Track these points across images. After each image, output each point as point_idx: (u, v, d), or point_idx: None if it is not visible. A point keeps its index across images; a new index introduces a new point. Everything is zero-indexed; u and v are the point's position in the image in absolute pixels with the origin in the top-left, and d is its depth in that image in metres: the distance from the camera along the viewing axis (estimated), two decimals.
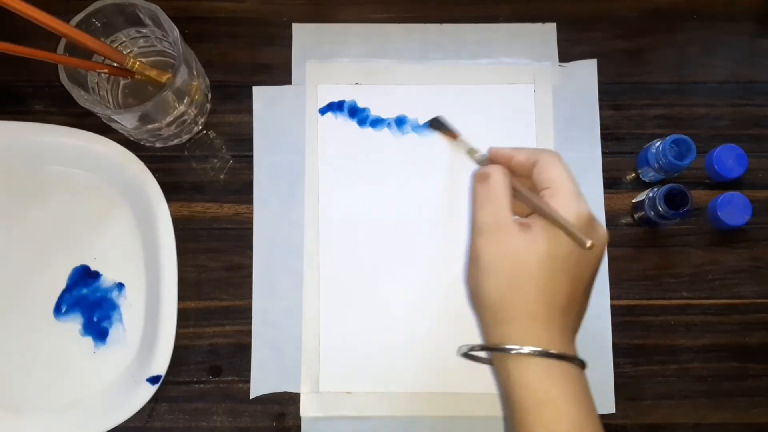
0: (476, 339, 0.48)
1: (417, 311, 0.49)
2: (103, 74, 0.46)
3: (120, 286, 0.49)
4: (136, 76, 0.46)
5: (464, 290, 0.48)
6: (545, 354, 0.36)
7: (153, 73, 0.46)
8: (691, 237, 0.50)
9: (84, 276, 0.49)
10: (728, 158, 0.49)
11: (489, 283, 0.38)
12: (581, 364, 0.37)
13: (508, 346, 0.37)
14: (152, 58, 0.49)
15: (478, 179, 0.40)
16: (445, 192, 0.50)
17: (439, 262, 0.49)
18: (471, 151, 0.45)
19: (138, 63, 0.45)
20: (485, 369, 0.48)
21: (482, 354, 0.40)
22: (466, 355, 0.41)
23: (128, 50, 0.48)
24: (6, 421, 0.47)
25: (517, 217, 0.39)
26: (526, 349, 0.36)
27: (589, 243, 0.35)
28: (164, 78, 0.46)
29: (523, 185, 0.39)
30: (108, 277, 0.49)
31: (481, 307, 0.39)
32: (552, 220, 0.37)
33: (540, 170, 0.39)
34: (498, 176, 0.39)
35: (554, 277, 0.37)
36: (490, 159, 0.42)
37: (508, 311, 0.37)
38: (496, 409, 0.48)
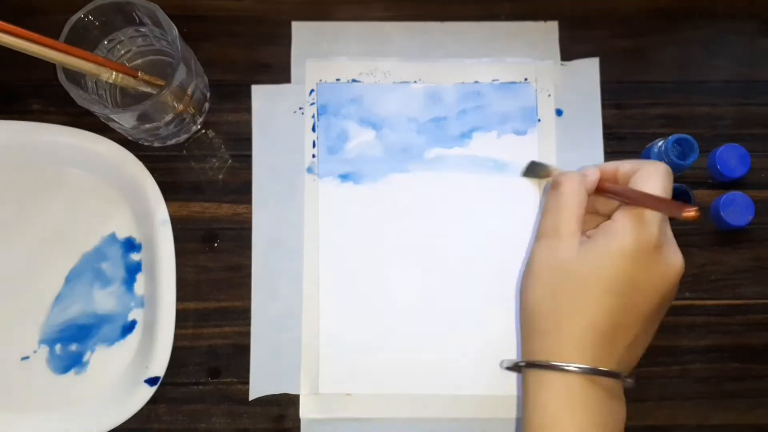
0: (476, 339, 0.48)
1: (417, 312, 0.48)
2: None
3: None
4: (139, 75, 0.46)
5: (452, 289, 0.48)
6: (562, 369, 0.34)
7: (146, 79, 0.46)
8: (693, 237, 0.50)
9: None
10: (731, 158, 0.48)
11: (531, 289, 0.36)
12: (621, 379, 0.36)
13: (533, 360, 0.35)
14: (151, 57, 0.48)
15: (552, 187, 0.39)
16: (450, 191, 0.50)
17: (440, 264, 0.49)
18: (541, 170, 0.44)
19: (120, 77, 0.45)
20: (485, 371, 0.48)
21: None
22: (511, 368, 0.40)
23: (126, 49, 0.48)
24: (6, 421, 0.47)
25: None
26: (551, 363, 0.34)
27: (689, 211, 0.33)
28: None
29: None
30: None
31: (521, 314, 0.38)
32: (632, 198, 0.35)
33: (636, 180, 0.37)
34: (570, 185, 0.38)
35: (597, 298, 0.34)
36: (601, 172, 0.40)
37: (541, 321, 0.36)
38: (497, 411, 0.47)
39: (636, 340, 0.36)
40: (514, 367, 0.38)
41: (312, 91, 0.51)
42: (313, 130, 0.51)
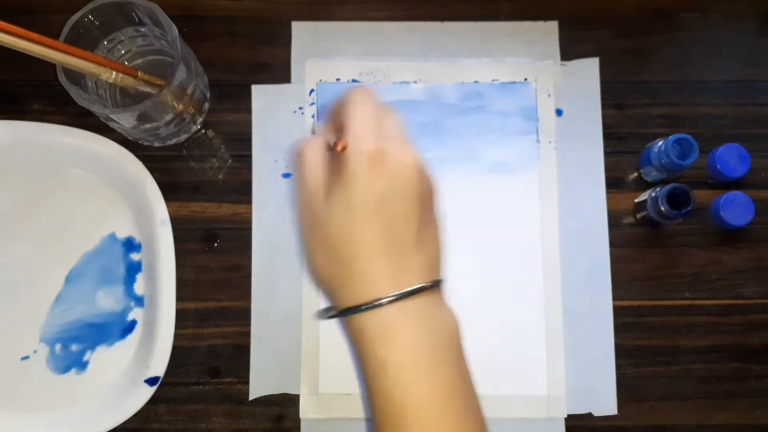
0: (477, 339, 0.48)
1: None
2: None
3: None
4: (139, 75, 0.46)
5: (452, 288, 0.48)
6: (367, 308, 0.34)
7: (146, 79, 0.46)
8: (693, 237, 0.50)
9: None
10: (731, 158, 0.48)
11: (311, 259, 0.37)
12: (429, 288, 0.35)
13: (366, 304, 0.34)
14: (150, 57, 0.48)
15: (294, 155, 0.38)
16: (450, 191, 0.50)
17: None
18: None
19: (120, 77, 0.45)
20: (485, 371, 0.47)
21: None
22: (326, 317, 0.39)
23: (126, 49, 0.48)
24: (6, 421, 0.46)
25: None
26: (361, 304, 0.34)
27: (338, 144, 0.34)
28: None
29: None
30: None
31: (321, 288, 0.37)
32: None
33: (341, 114, 0.37)
34: (306, 147, 0.37)
35: (359, 226, 0.35)
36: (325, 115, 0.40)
37: (334, 279, 0.36)
38: (497, 411, 0.47)
39: (419, 240, 0.36)
40: (327, 317, 0.38)
41: (312, 91, 0.51)
42: (313, 130, 0.51)
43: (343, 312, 0.35)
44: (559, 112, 0.51)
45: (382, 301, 0.34)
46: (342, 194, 0.35)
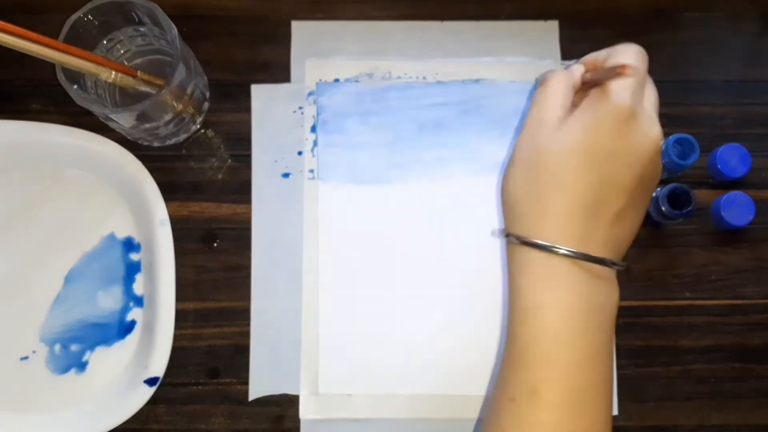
0: (477, 338, 0.48)
1: (418, 312, 0.48)
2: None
3: None
4: (138, 75, 0.46)
5: (452, 288, 0.48)
6: (545, 248, 0.34)
7: (146, 78, 0.46)
8: (694, 237, 0.50)
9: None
10: (732, 158, 0.48)
11: (511, 178, 0.36)
12: (608, 274, 0.35)
13: (516, 235, 0.34)
14: (150, 57, 0.48)
15: (540, 83, 0.38)
16: (451, 191, 0.50)
17: (441, 263, 0.49)
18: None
19: (120, 77, 0.45)
20: (486, 371, 0.47)
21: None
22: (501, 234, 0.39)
23: (126, 49, 0.48)
24: (5, 422, 0.46)
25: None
26: (533, 242, 0.34)
27: (622, 70, 0.33)
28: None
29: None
30: None
31: (503, 203, 0.37)
32: (599, 76, 0.35)
33: (611, 58, 0.37)
34: (555, 78, 0.38)
35: (575, 172, 0.34)
36: (584, 65, 0.40)
37: (523, 205, 0.35)
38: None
39: (620, 216, 0.36)
40: (503, 236, 0.38)
41: (312, 90, 0.51)
42: (313, 129, 0.50)
43: (520, 241, 0.35)
44: None
45: (563, 251, 0.34)
46: (575, 133, 0.34)
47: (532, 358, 0.34)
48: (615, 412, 0.47)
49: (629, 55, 0.37)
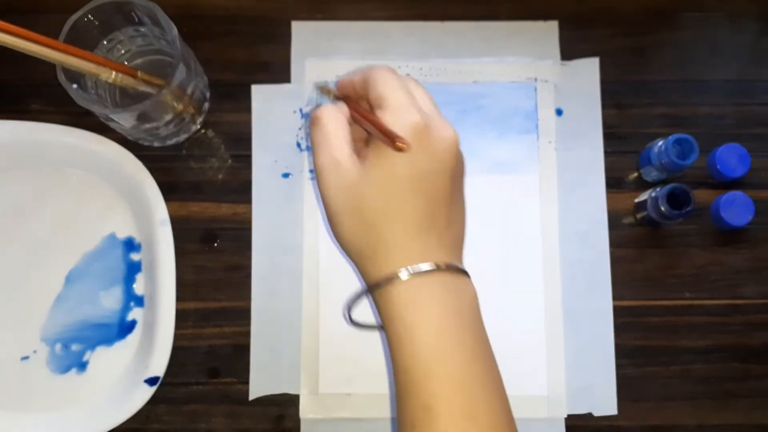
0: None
1: None
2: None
3: None
4: (138, 75, 0.46)
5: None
6: (397, 278, 0.34)
7: (146, 78, 0.46)
8: (693, 237, 0.50)
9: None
10: (731, 158, 0.48)
11: (339, 226, 0.36)
12: (457, 268, 0.35)
13: (389, 278, 0.35)
14: (150, 57, 0.48)
15: (312, 123, 0.38)
16: None
17: None
18: (323, 89, 0.41)
19: (120, 77, 0.45)
20: None
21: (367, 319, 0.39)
22: (354, 323, 0.40)
23: (126, 49, 0.48)
24: (5, 422, 0.46)
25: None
26: (391, 272, 0.34)
27: (400, 143, 0.33)
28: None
29: (364, 110, 0.37)
30: None
31: (349, 254, 0.37)
32: (371, 130, 0.35)
33: (372, 88, 0.36)
34: (328, 115, 0.37)
35: (400, 199, 0.35)
36: (339, 91, 0.39)
37: (363, 249, 0.36)
38: None
39: (450, 221, 0.36)
40: (366, 295, 0.38)
41: (312, 90, 0.51)
42: None
43: (374, 284, 0.36)
44: (559, 112, 0.51)
45: (410, 273, 0.34)
46: (383, 165, 0.35)
47: (417, 379, 0.34)
48: (614, 411, 0.47)
49: (385, 82, 0.36)
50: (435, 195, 0.36)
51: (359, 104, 0.38)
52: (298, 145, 0.50)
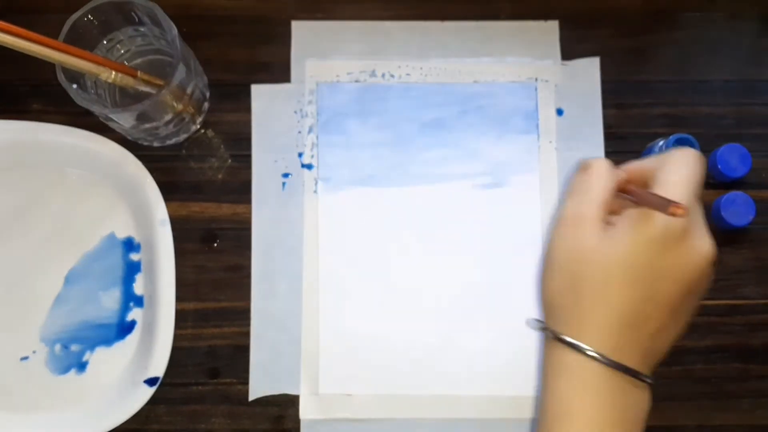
0: (476, 337, 0.48)
1: (418, 312, 0.48)
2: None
3: None
4: (138, 75, 0.46)
5: (452, 288, 0.48)
6: (581, 350, 0.33)
7: (146, 78, 0.46)
8: None
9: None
10: (732, 158, 0.48)
11: (550, 278, 0.35)
12: (642, 383, 0.34)
13: (564, 338, 0.33)
14: (150, 57, 0.48)
15: (580, 169, 0.36)
16: (451, 192, 0.50)
17: (441, 265, 0.49)
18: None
19: (120, 77, 0.45)
20: (486, 372, 0.47)
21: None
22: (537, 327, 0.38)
23: (126, 49, 0.48)
24: (5, 422, 0.46)
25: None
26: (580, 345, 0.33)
27: (675, 208, 0.31)
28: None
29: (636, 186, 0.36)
30: None
31: (541, 301, 0.36)
32: (641, 199, 0.33)
33: (660, 172, 0.34)
34: (599, 167, 0.35)
35: (618, 287, 0.33)
36: (627, 172, 0.37)
37: (563, 310, 0.34)
38: (498, 412, 0.47)
39: (661, 329, 0.35)
40: (538, 328, 0.37)
41: (312, 90, 0.51)
42: (312, 129, 0.50)
43: (557, 336, 0.34)
44: (559, 112, 0.51)
45: (597, 356, 0.33)
46: (621, 247, 0.33)
47: None
48: None
49: (682, 171, 0.34)
50: (656, 298, 0.33)
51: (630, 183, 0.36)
52: (300, 153, 0.50)
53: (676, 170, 0.34)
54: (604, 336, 0.33)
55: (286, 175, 0.50)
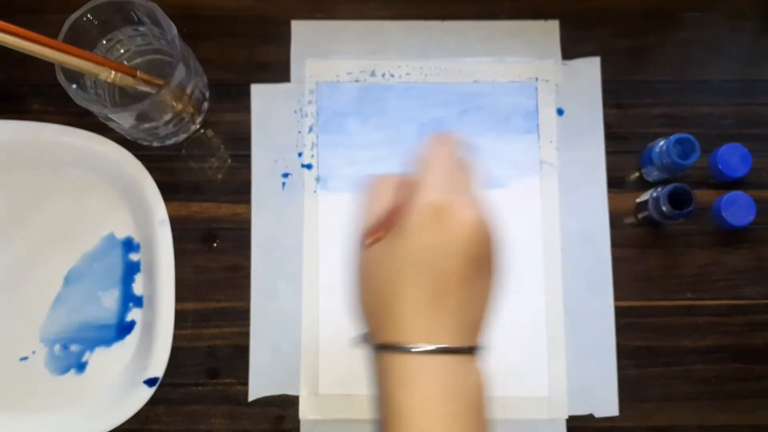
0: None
1: None
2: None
3: None
4: (138, 75, 0.46)
5: None
6: (398, 348, 0.34)
7: (145, 78, 0.46)
8: (695, 237, 0.49)
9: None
10: (732, 158, 0.48)
11: (358, 294, 0.38)
12: (465, 352, 0.35)
13: (403, 345, 0.35)
14: (149, 57, 0.48)
15: (365, 189, 0.39)
16: None
17: None
18: None
19: (119, 77, 0.45)
20: (486, 371, 0.47)
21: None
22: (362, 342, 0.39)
23: (125, 48, 0.48)
24: (4, 422, 0.46)
25: None
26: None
27: (366, 240, 0.36)
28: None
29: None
30: None
31: (362, 317, 0.38)
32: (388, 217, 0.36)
33: (418, 168, 0.37)
34: (377, 188, 0.38)
35: (407, 275, 0.35)
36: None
37: (374, 316, 0.36)
38: (498, 412, 0.47)
39: (462, 301, 0.36)
40: (360, 342, 0.38)
41: (312, 90, 0.51)
42: (312, 129, 0.50)
43: (376, 346, 0.36)
44: (560, 112, 0.51)
45: (411, 348, 0.34)
46: (396, 243, 0.35)
47: None
48: (615, 412, 0.47)
49: (427, 163, 0.36)
50: (442, 275, 0.35)
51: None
52: (300, 153, 0.50)
53: (422, 173, 0.36)
54: (411, 325, 0.35)
55: (285, 175, 0.50)
